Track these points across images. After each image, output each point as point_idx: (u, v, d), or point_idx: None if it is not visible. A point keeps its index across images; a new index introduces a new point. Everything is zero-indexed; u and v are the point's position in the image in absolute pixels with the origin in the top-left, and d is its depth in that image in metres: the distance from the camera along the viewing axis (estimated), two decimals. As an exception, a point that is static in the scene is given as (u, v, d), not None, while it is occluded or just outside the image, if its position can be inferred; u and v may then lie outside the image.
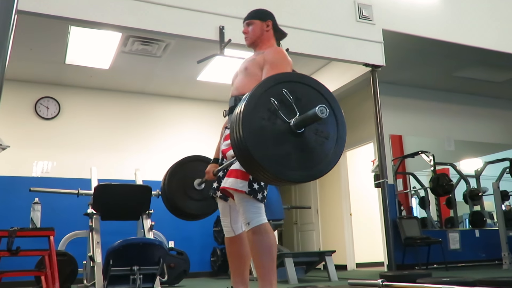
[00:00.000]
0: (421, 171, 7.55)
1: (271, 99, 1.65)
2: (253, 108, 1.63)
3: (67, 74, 6.31)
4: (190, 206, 2.86)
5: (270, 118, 1.65)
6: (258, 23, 2.59)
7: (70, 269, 4.60)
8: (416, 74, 6.83)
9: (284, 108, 1.67)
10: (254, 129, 1.61)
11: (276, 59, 2.39)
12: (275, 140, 1.65)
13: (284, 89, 1.68)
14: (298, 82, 1.77)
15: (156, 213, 4.59)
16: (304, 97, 1.73)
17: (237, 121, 1.65)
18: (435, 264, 6.47)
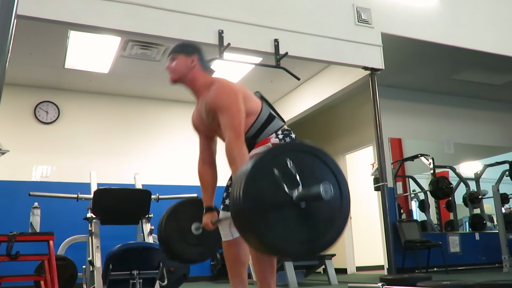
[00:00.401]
0: (420, 174, 7.55)
1: (275, 170, 1.58)
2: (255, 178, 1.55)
3: (66, 78, 6.32)
4: (188, 251, 2.80)
5: (272, 189, 1.57)
6: (182, 58, 2.36)
7: (69, 273, 4.59)
8: (415, 77, 6.84)
9: (287, 179, 1.59)
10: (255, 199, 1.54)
11: (223, 104, 2.19)
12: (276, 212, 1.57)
13: (289, 159, 1.60)
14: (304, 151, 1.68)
15: (155, 217, 4.57)
16: (309, 168, 1.66)
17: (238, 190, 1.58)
18: (435, 267, 6.45)
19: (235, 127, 2.16)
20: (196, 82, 2.36)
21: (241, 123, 2.17)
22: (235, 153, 2.12)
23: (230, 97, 2.20)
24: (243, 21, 4.44)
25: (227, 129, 2.17)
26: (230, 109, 2.17)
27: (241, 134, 2.16)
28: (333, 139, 7.92)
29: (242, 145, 2.14)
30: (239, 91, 2.24)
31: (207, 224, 2.43)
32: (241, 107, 2.20)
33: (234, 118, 2.16)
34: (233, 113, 2.17)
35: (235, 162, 2.10)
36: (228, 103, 2.18)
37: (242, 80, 6.49)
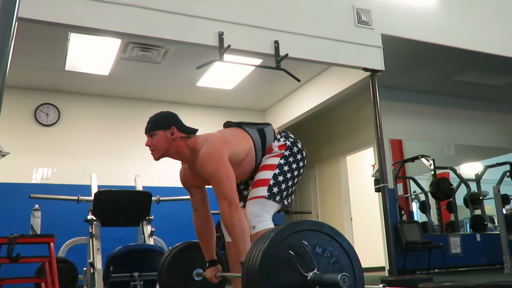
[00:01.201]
0: (421, 175, 7.55)
1: (290, 252, 1.56)
2: (270, 258, 1.53)
3: (66, 80, 6.33)
4: None
5: (287, 270, 1.55)
6: (161, 133, 2.32)
7: (70, 275, 4.59)
8: (416, 78, 6.84)
9: (302, 261, 1.57)
10: (270, 278, 1.52)
11: (210, 172, 2.19)
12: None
13: (304, 241, 1.58)
14: (318, 231, 1.65)
15: (156, 219, 4.58)
16: (323, 249, 1.63)
17: (253, 266, 1.55)
18: (436, 268, 6.44)
19: (225, 195, 2.16)
20: (181, 152, 2.33)
21: (231, 188, 2.17)
22: (230, 223, 2.14)
23: (214, 163, 2.18)
24: (243, 23, 4.44)
25: (219, 197, 2.19)
26: (218, 176, 2.17)
27: (233, 200, 2.16)
28: (333, 141, 7.92)
29: (236, 213, 2.15)
30: (222, 150, 2.22)
31: (211, 278, 2.43)
32: (228, 170, 2.19)
33: (223, 185, 2.17)
34: (221, 179, 2.17)
35: (233, 231, 2.14)
36: (214, 170, 2.18)
37: (242, 82, 6.49)
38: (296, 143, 2.44)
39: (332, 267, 1.61)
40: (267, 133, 2.42)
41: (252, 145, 2.36)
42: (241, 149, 2.31)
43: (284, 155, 2.36)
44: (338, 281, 1.48)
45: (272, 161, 2.35)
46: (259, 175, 2.33)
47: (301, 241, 1.59)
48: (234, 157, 2.26)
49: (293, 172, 2.36)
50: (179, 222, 5.51)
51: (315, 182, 8.37)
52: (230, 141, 2.31)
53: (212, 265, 2.45)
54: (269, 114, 7.84)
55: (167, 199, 5.02)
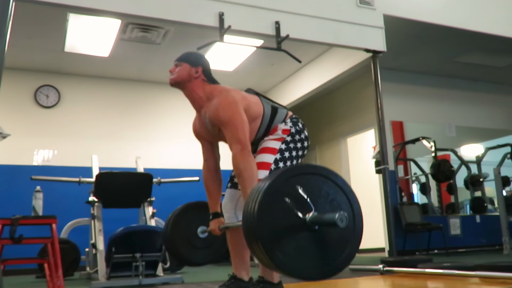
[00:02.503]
0: (422, 157, 7.55)
1: (286, 199, 1.59)
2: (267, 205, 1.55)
3: (66, 62, 6.29)
4: (193, 254, 2.82)
5: (285, 215, 1.58)
6: (186, 67, 2.37)
7: (72, 256, 4.64)
8: (418, 59, 6.79)
9: (299, 203, 1.59)
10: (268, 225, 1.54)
11: (225, 118, 2.21)
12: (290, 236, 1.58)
13: (299, 186, 1.60)
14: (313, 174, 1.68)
15: (157, 200, 4.60)
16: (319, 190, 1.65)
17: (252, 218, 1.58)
18: (436, 249, 6.49)
19: (239, 139, 2.18)
20: (195, 92, 2.36)
21: (245, 134, 2.20)
22: (241, 166, 2.14)
23: (231, 110, 2.21)
24: (243, 3, 4.39)
25: (232, 142, 2.20)
26: (232, 122, 2.19)
27: (246, 145, 2.18)
28: (334, 122, 7.91)
29: (248, 157, 2.16)
30: (239, 101, 2.25)
31: (214, 230, 2.44)
32: (243, 118, 2.22)
33: (237, 130, 2.18)
34: (236, 125, 2.19)
35: (242, 174, 2.14)
36: (230, 116, 2.20)
37: (243, 64, 6.45)
38: (302, 131, 2.43)
39: (329, 206, 1.63)
40: (279, 113, 2.42)
41: (261, 115, 2.36)
42: (253, 112, 2.32)
43: (285, 140, 2.36)
44: (335, 220, 1.50)
45: (274, 145, 2.34)
46: (261, 157, 2.32)
47: (295, 186, 1.61)
48: (246, 115, 2.27)
49: (292, 159, 2.36)
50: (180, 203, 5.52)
51: (316, 164, 8.37)
52: (247, 98, 2.34)
53: (216, 217, 2.47)
54: (270, 96, 7.80)
55: (168, 181, 5.03)
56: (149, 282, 3.65)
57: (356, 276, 3.48)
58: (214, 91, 2.32)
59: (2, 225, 3.16)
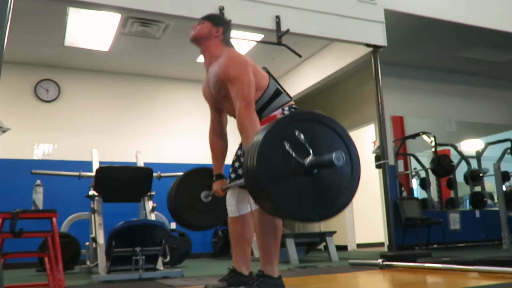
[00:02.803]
0: (422, 152, 7.55)
1: (285, 143, 1.62)
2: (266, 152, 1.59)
3: (66, 56, 6.28)
4: (197, 218, 2.85)
5: (284, 159, 1.62)
6: (208, 25, 2.46)
7: (73, 250, 4.65)
8: (418, 54, 6.78)
9: (298, 148, 1.63)
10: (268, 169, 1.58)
11: (231, 74, 2.25)
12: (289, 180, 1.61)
13: (297, 131, 1.64)
14: (312, 120, 1.72)
15: (157, 195, 4.61)
16: (318, 135, 1.69)
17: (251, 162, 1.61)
18: (435, 244, 6.51)
19: (245, 96, 2.19)
20: (211, 50, 2.42)
21: (251, 92, 2.22)
22: (246, 122, 2.15)
23: (240, 67, 2.25)
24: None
25: (237, 99, 2.20)
26: (240, 79, 2.21)
27: (252, 103, 2.20)
28: (334, 117, 7.73)
29: (252, 114, 2.18)
30: (249, 63, 2.29)
31: (217, 191, 2.49)
32: (251, 77, 2.25)
33: (244, 87, 2.20)
34: (243, 82, 2.21)
35: (246, 130, 2.14)
36: (238, 73, 2.23)
37: (243, 58, 6.44)
38: None
39: (327, 151, 1.65)
40: (280, 97, 2.41)
41: (264, 89, 2.37)
42: (258, 81, 2.33)
43: None
44: (332, 160, 1.53)
45: None
46: None
47: (294, 131, 1.64)
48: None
49: None
50: (180, 198, 5.54)
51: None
52: (255, 65, 2.38)
53: (219, 178, 2.52)
54: (270, 91, 7.80)
55: (168, 175, 5.03)
56: (149, 276, 3.66)
57: (356, 270, 3.49)
58: (228, 51, 2.37)
59: (2, 219, 3.16)
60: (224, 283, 2.41)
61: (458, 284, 2.39)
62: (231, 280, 2.42)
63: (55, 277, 3.21)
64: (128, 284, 3.21)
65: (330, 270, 3.70)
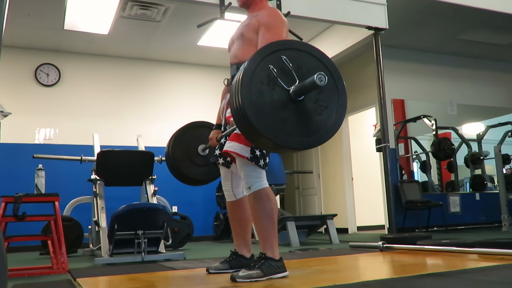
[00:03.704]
0: (422, 135, 7.55)
1: (270, 67, 1.62)
2: (252, 75, 1.60)
3: (66, 40, 6.25)
4: (194, 171, 2.88)
5: (269, 85, 1.63)
6: None
7: (75, 234, 4.68)
8: (420, 37, 6.74)
9: (283, 76, 1.64)
10: (253, 96, 1.59)
11: (271, 21, 2.30)
12: (274, 107, 1.62)
13: (284, 56, 1.65)
14: (298, 49, 1.73)
15: (159, 178, 4.63)
16: (304, 65, 1.70)
17: (237, 89, 1.63)
18: (435, 227, 6.55)
19: None
20: (258, 5, 2.47)
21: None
22: None
23: (280, 22, 2.32)
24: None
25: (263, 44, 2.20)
26: (276, 30, 2.27)
27: None
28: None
29: None
30: (286, 24, 2.36)
31: (211, 138, 2.55)
32: (284, 34, 2.31)
33: (276, 37, 2.20)
34: (277, 33, 2.25)
35: None
36: (276, 24, 2.30)
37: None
38: None
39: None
40: None
41: None
42: None
43: None
44: (314, 80, 1.56)
45: None
46: None
47: (281, 57, 1.66)
48: None
49: None
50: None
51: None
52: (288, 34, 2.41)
53: (217, 128, 2.58)
54: (270, 74, 7.76)
55: (169, 159, 5.04)
56: (152, 259, 3.70)
57: (356, 253, 3.52)
58: (273, 8, 2.44)
59: (5, 203, 3.19)
60: (225, 265, 2.44)
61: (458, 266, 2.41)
62: (232, 262, 2.44)
63: (59, 260, 3.25)
64: (130, 266, 3.25)
65: (330, 253, 3.73)
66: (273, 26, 2.28)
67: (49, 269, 3.28)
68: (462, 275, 2.03)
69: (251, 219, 2.46)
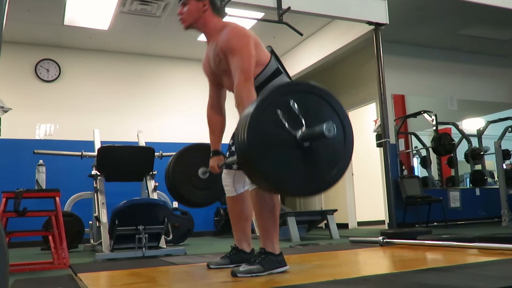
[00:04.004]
0: (423, 130, 7.55)
1: (278, 111, 1.58)
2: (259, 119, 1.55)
3: (66, 35, 6.24)
4: (194, 194, 2.87)
5: (276, 129, 1.58)
6: (193, 3, 2.31)
7: (76, 229, 4.70)
8: (420, 32, 6.72)
9: (291, 119, 1.59)
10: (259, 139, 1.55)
11: (233, 45, 2.18)
12: (280, 152, 1.58)
13: (292, 100, 1.60)
14: (308, 92, 1.68)
15: (159, 174, 4.63)
16: (312, 108, 1.65)
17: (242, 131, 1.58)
18: (435, 222, 6.56)
19: (245, 70, 2.15)
20: (208, 25, 2.34)
21: (251, 66, 2.17)
22: (244, 96, 2.11)
23: (242, 40, 2.19)
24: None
25: (237, 71, 2.16)
26: (241, 52, 2.16)
27: (251, 77, 2.16)
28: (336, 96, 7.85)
29: (251, 88, 2.14)
30: (251, 36, 2.24)
31: (213, 167, 2.47)
32: (252, 51, 2.19)
33: (244, 60, 2.15)
34: (244, 55, 2.16)
35: (243, 103, 2.09)
36: (240, 45, 2.18)
37: (244, 36, 6.39)
38: None
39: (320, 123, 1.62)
40: (280, 77, 2.33)
41: (265, 65, 2.29)
42: (258, 56, 2.26)
43: None
44: (323, 130, 1.52)
45: None
46: None
47: (289, 100, 1.61)
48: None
49: None
50: (182, 177, 5.57)
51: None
52: (257, 40, 2.30)
53: (216, 155, 2.50)
54: (271, 70, 7.75)
55: (170, 155, 5.03)
56: (153, 254, 3.71)
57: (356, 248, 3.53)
58: (226, 25, 2.30)
59: (6, 198, 3.19)
60: (226, 261, 2.44)
61: (458, 261, 2.42)
62: (233, 257, 2.45)
63: (60, 255, 3.26)
64: (131, 261, 3.26)
65: (331, 248, 3.74)
66: (236, 50, 2.17)
67: (50, 265, 3.29)
68: (462, 269, 2.04)
69: (251, 214, 2.46)
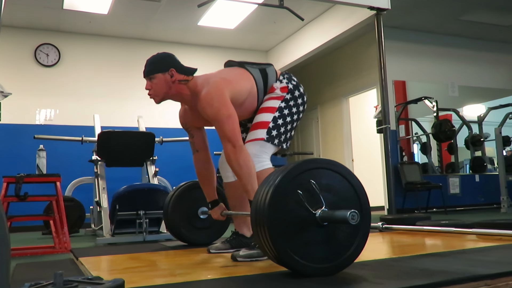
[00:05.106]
0: (423, 117, 7.54)
1: (298, 191, 1.58)
2: (280, 195, 1.55)
3: (65, 19, 6.20)
4: (193, 234, 2.89)
5: (296, 207, 1.57)
6: (160, 77, 2.22)
7: (77, 214, 4.72)
8: (421, 18, 6.68)
9: (310, 197, 1.59)
10: (278, 215, 1.54)
11: (210, 114, 2.13)
12: (298, 230, 1.57)
13: (312, 180, 1.59)
14: (328, 169, 1.65)
15: (160, 159, 4.64)
16: (332, 186, 1.64)
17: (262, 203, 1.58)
18: (435, 208, 6.59)
19: (228, 136, 2.13)
20: (182, 94, 2.27)
21: (233, 129, 2.13)
22: (236, 165, 2.12)
23: (216, 104, 2.12)
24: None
25: (222, 139, 2.16)
26: (219, 119, 2.13)
27: (236, 141, 2.13)
28: (337, 82, 7.86)
29: (240, 154, 2.12)
30: (223, 89, 2.16)
31: (219, 218, 2.51)
32: (230, 111, 2.14)
33: (224, 127, 2.13)
34: (222, 122, 2.12)
35: (238, 172, 2.13)
36: (215, 112, 2.12)
37: (244, 21, 6.36)
38: (299, 86, 2.39)
39: (338, 202, 1.63)
40: (269, 73, 2.37)
41: (254, 84, 2.31)
42: (242, 89, 2.26)
43: (285, 98, 2.32)
44: (347, 218, 1.51)
45: (272, 104, 2.32)
46: (259, 117, 2.30)
47: (310, 179, 1.61)
48: (236, 97, 2.22)
49: (292, 116, 2.33)
50: (182, 162, 5.58)
51: (318, 123, 8.39)
52: (231, 81, 2.25)
53: (215, 205, 2.51)
54: (271, 55, 7.73)
55: (170, 140, 5.05)
56: (153, 239, 3.73)
57: (356, 233, 3.54)
58: (197, 86, 2.24)
59: (7, 183, 3.21)
60: (226, 245, 2.46)
61: (456, 246, 2.43)
62: (233, 242, 2.46)
63: (61, 240, 3.28)
64: (132, 246, 3.27)
65: (330, 233, 3.75)
66: (213, 117, 2.13)
67: (51, 249, 3.32)
68: (461, 255, 2.05)
69: (249, 200, 2.47)
